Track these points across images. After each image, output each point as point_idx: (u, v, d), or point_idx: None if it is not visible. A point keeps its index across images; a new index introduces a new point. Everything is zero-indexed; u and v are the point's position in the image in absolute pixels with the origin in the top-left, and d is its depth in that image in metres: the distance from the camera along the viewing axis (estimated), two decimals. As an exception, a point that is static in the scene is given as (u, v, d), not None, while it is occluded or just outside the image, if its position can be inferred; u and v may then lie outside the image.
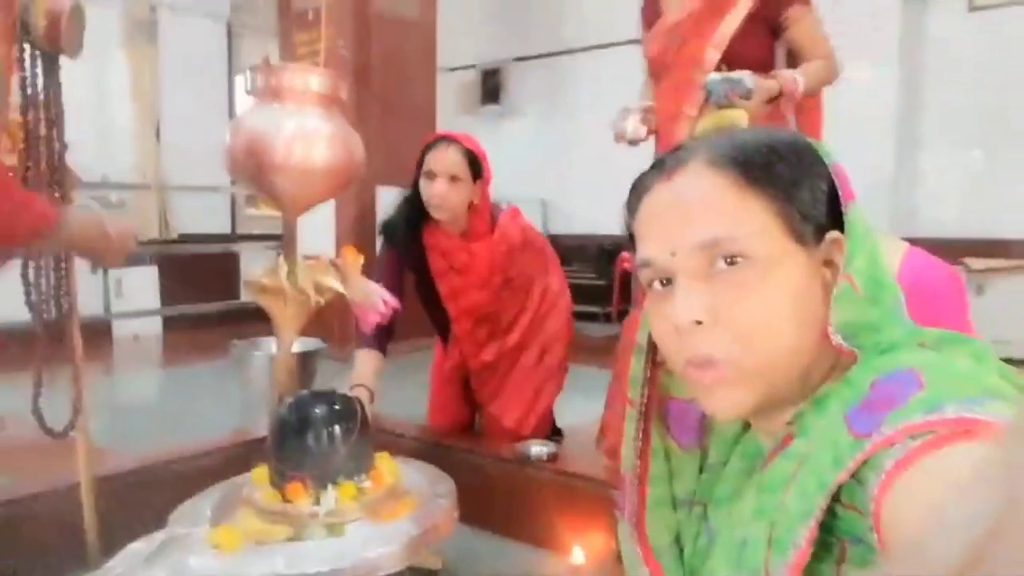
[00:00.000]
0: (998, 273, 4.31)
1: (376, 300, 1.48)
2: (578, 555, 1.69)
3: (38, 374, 1.58)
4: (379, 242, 2.23)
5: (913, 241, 1.35)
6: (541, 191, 6.12)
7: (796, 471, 0.55)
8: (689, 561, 0.71)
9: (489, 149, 2.20)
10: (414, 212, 2.13)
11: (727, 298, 0.59)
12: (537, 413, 2.27)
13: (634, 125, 2.11)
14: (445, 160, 2.05)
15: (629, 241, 0.70)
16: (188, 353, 4.79)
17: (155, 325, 5.52)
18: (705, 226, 0.60)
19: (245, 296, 4.21)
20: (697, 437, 0.75)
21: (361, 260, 1.51)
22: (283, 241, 1.53)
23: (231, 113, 6.26)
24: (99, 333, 5.09)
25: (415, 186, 2.12)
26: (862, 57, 4.88)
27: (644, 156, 5.75)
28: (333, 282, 1.44)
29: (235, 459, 2.05)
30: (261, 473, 1.50)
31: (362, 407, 1.51)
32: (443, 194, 2.03)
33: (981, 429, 0.44)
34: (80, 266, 1.49)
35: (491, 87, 6.62)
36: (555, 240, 6.38)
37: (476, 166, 2.10)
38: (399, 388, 2.29)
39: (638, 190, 0.67)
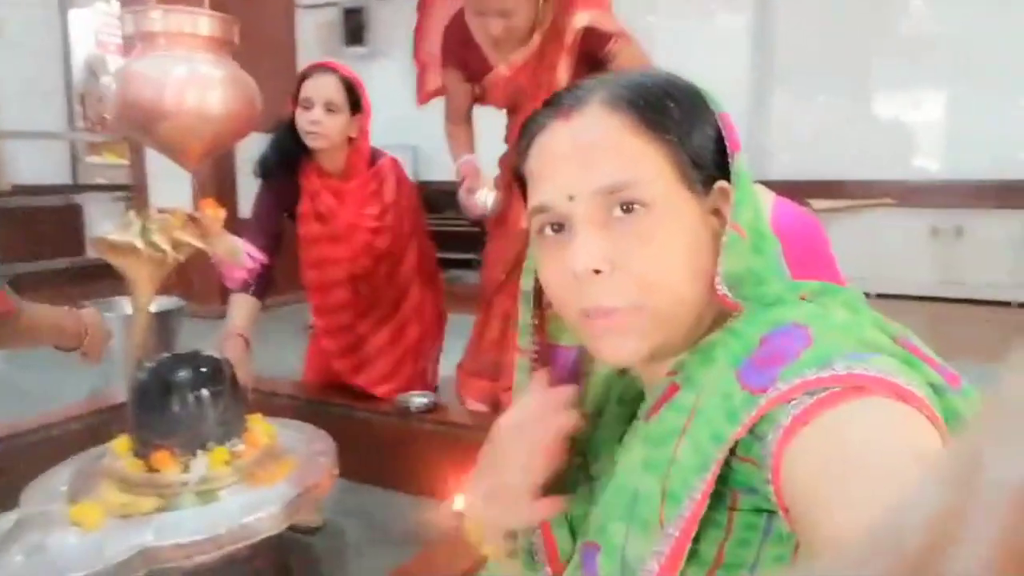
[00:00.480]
0: (840, 213, 4.65)
1: (241, 256, 1.40)
2: (459, 501, 1.72)
3: None
4: (245, 184, 2.11)
5: (764, 184, 1.42)
6: (411, 137, 5.98)
7: (686, 424, 0.55)
8: (571, 512, 0.70)
9: (354, 93, 2.11)
10: (289, 146, 2.04)
11: (626, 247, 0.58)
12: (410, 377, 2.23)
13: (489, 197, 2.16)
14: (322, 88, 1.97)
15: (516, 182, 0.68)
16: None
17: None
18: (606, 171, 0.58)
19: (92, 253, 3.90)
20: (570, 383, 0.73)
21: (223, 214, 1.42)
22: (132, 192, 1.42)
23: (65, 51, 5.70)
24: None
25: (291, 119, 2.02)
26: (717, 3, 5.06)
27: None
28: (192, 239, 1.34)
29: (92, 428, 1.92)
30: (123, 443, 1.41)
31: (231, 367, 1.45)
32: (319, 121, 1.96)
33: (871, 385, 0.47)
34: None
35: (354, 26, 6.33)
36: (427, 187, 6.34)
37: (355, 96, 2.02)
38: (275, 342, 2.21)
39: (531, 129, 0.64)
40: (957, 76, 4.53)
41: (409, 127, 5.79)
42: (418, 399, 1.98)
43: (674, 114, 0.60)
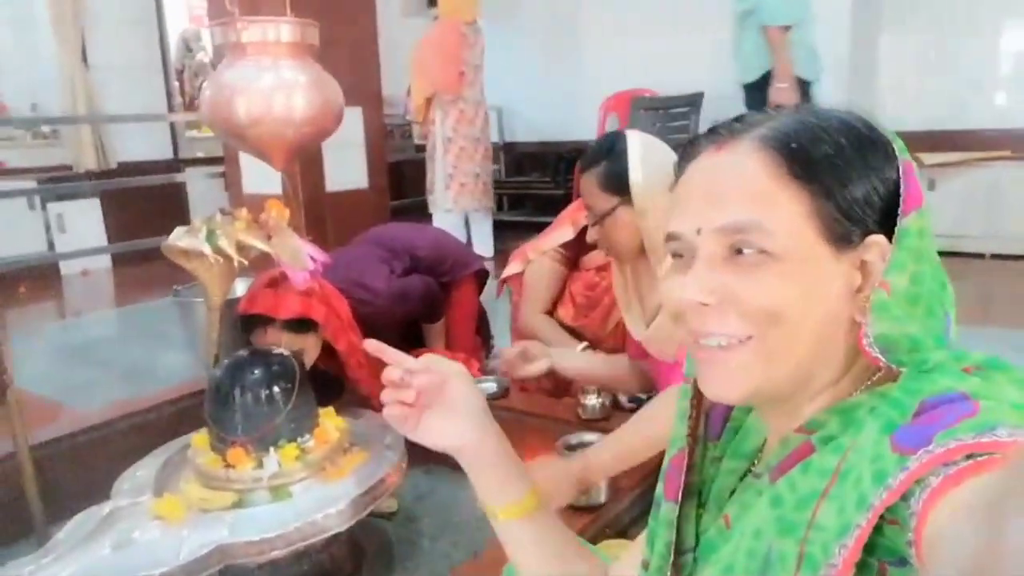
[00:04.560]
0: (951, 167, 4.33)
1: (303, 257, 1.42)
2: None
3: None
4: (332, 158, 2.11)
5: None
6: (497, 98, 5.93)
7: (828, 487, 0.53)
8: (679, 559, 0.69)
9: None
10: None
11: (736, 280, 0.58)
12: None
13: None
14: (272, 345, 1.63)
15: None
16: (139, 289, 4.67)
17: (104, 260, 5.37)
18: (731, 209, 0.58)
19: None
20: (719, 430, 0.73)
21: (286, 214, 1.44)
22: (227, 168, 1.49)
23: (161, 33, 5.90)
24: (46, 272, 4.94)
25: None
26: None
27: (600, 66, 5.58)
28: (256, 241, 1.37)
29: (183, 412, 2.02)
30: (202, 438, 1.47)
31: (301, 366, 1.48)
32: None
33: None
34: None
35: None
36: (512, 147, 6.30)
37: (306, 324, 1.74)
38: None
39: (687, 154, 0.64)
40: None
41: (495, 87, 5.75)
42: (487, 384, 1.98)
43: (829, 160, 0.57)
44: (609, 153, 1.48)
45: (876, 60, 4.82)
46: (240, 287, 2.00)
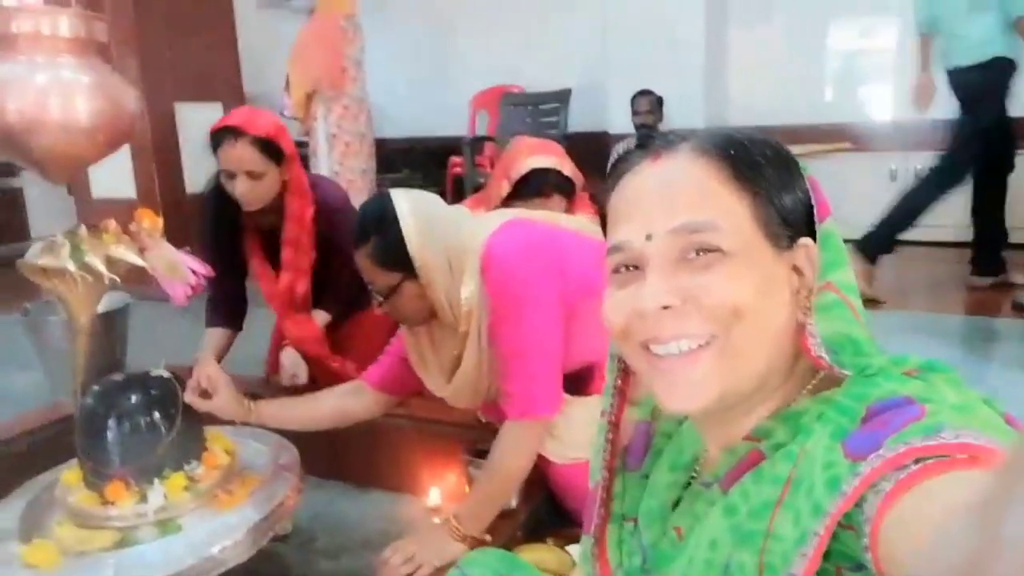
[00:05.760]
0: (811, 158, 4.62)
1: (183, 271, 1.31)
2: (434, 495, 1.68)
3: None
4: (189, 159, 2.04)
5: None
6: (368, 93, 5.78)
7: (782, 495, 0.54)
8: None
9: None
10: (224, 207, 1.99)
11: (698, 281, 0.58)
12: None
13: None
14: (236, 159, 1.88)
15: (600, 221, 0.68)
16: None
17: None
18: (686, 211, 0.59)
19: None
20: (641, 459, 0.74)
21: (160, 224, 1.32)
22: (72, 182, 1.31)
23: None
24: None
25: (217, 181, 1.97)
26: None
27: (470, 61, 5.54)
28: (128, 254, 1.25)
29: (46, 443, 1.83)
30: (74, 474, 1.34)
31: (181, 387, 1.37)
32: (245, 192, 1.90)
33: (984, 456, 0.45)
34: None
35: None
36: (382, 144, 6.18)
37: (274, 151, 1.91)
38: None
39: (619, 168, 0.65)
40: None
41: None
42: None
43: (765, 169, 0.60)
44: (379, 225, 1.34)
45: (725, 58, 5.08)
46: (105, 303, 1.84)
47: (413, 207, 1.35)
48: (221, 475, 1.36)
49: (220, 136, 1.89)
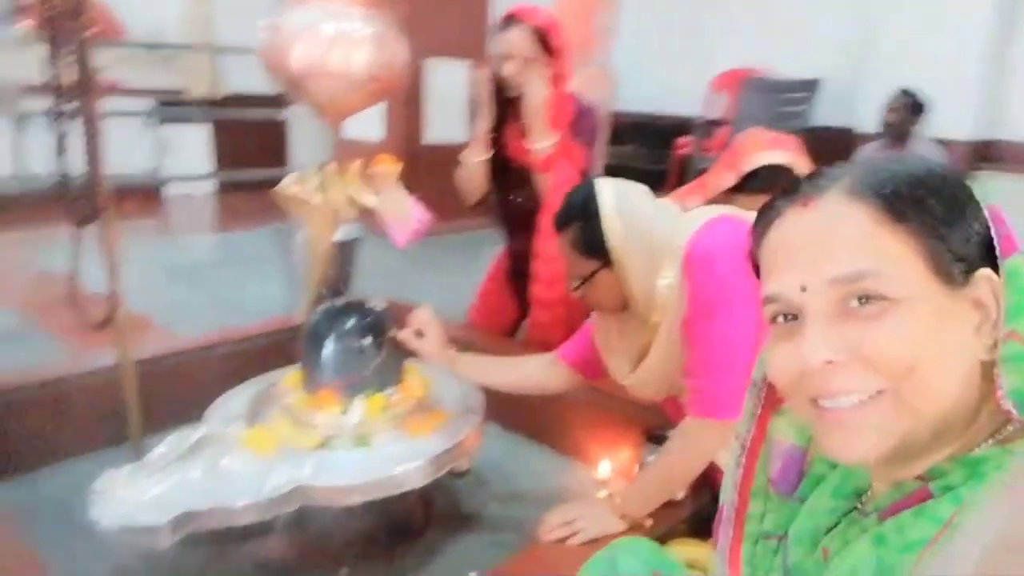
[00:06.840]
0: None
1: (410, 217, 1.42)
2: (605, 468, 1.71)
3: (75, 262, 1.62)
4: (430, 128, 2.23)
5: (998, 145, 1.22)
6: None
7: (937, 535, 0.52)
8: None
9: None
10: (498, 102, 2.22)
11: (862, 333, 0.55)
12: None
13: None
14: (512, 43, 2.11)
15: (754, 271, 0.65)
16: (241, 216, 4.83)
17: (208, 186, 5.57)
18: (843, 259, 0.56)
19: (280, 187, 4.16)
20: (795, 485, 0.72)
21: (398, 169, 1.44)
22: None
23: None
24: (150, 193, 5.17)
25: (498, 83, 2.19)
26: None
27: (715, 34, 5.35)
28: (366, 197, 1.38)
29: (276, 345, 2.09)
30: (295, 377, 1.52)
31: (392, 318, 1.50)
32: (514, 74, 2.11)
33: None
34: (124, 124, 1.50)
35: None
36: (613, 116, 6.14)
37: (546, 42, 2.13)
38: (443, 278, 2.27)
39: (767, 215, 0.62)
40: None
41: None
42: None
43: (929, 204, 0.55)
44: (583, 213, 1.35)
45: (1004, 67, 4.50)
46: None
47: (617, 199, 1.35)
48: (414, 404, 1.48)
49: (504, 23, 2.16)
